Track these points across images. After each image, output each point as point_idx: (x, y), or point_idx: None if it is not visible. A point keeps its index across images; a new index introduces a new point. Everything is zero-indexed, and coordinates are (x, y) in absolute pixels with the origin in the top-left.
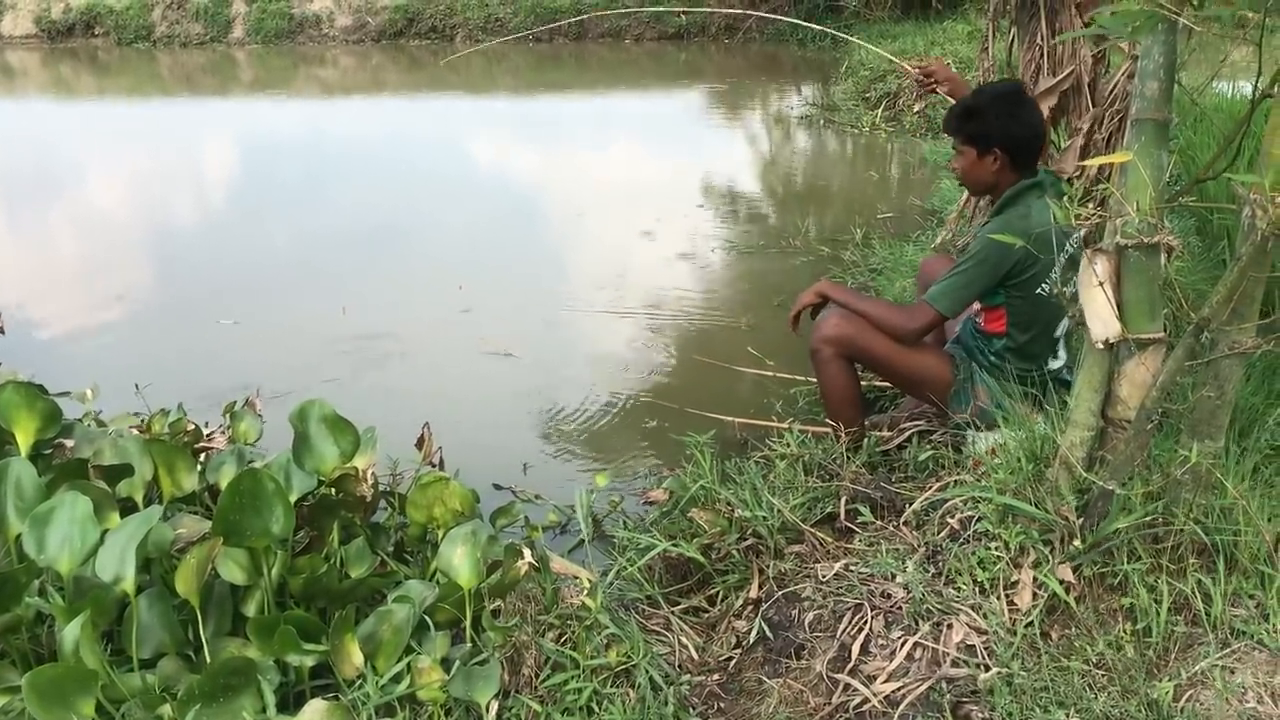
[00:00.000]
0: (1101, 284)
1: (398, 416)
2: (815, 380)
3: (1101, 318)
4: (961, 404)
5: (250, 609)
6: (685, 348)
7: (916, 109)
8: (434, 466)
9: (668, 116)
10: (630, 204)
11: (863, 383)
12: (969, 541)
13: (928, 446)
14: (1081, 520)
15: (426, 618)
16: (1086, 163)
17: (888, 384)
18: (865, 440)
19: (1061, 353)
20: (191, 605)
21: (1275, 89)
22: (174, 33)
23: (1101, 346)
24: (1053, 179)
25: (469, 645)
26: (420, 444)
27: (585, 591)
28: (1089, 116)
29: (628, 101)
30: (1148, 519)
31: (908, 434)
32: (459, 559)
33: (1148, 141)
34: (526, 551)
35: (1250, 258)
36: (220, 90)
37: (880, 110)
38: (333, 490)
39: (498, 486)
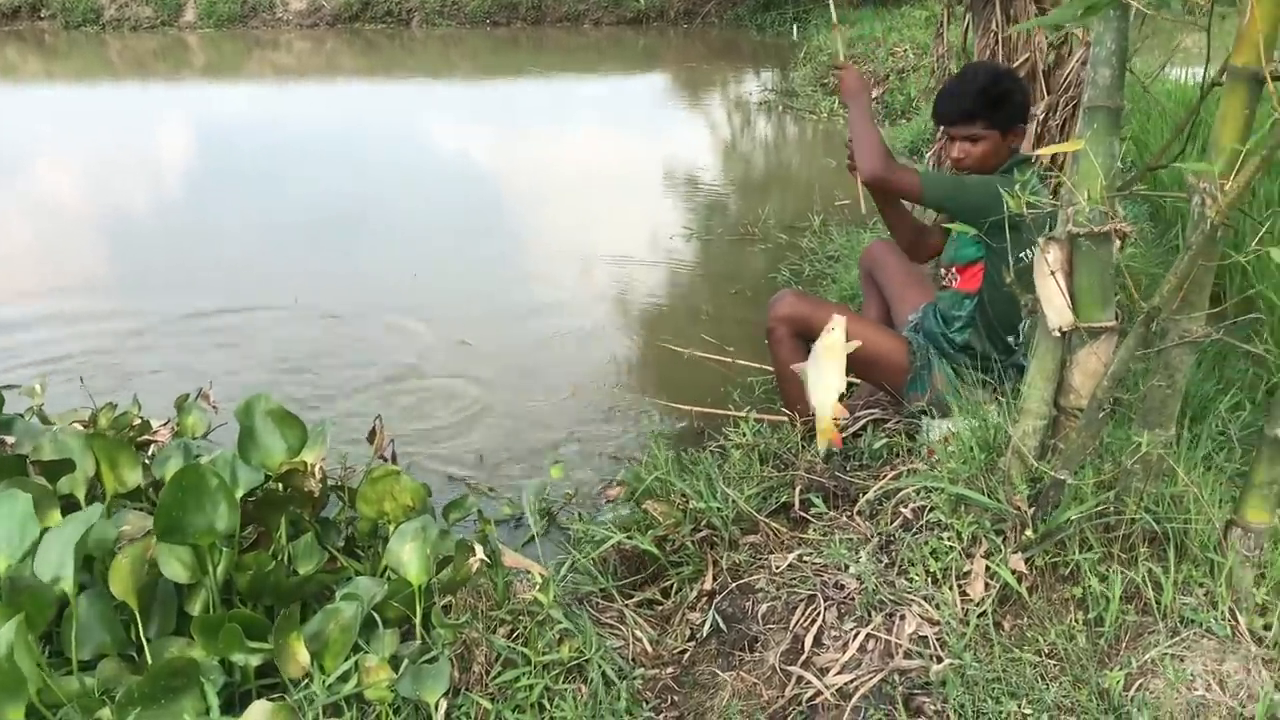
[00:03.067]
0: (1054, 273)
1: (352, 408)
2: (771, 366)
3: (1055, 306)
4: (917, 390)
5: (195, 608)
6: (644, 335)
7: (874, 94)
8: (386, 460)
9: (628, 102)
10: (590, 190)
11: None
12: (921, 531)
13: (882, 434)
14: (1033, 510)
15: (375, 615)
16: (1039, 151)
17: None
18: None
19: (1022, 338)
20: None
21: (1224, 77)
22: (123, 16)
23: (1056, 335)
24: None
25: (419, 643)
26: (372, 437)
27: (537, 586)
28: (1044, 103)
29: (587, 86)
30: (1099, 508)
31: (862, 422)
32: (408, 555)
33: (1100, 129)
34: (478, 547)
35: (1200, 246)
36: (173, 75)
37: (839, 96)
38: (280, 485)
39: (452, 479)
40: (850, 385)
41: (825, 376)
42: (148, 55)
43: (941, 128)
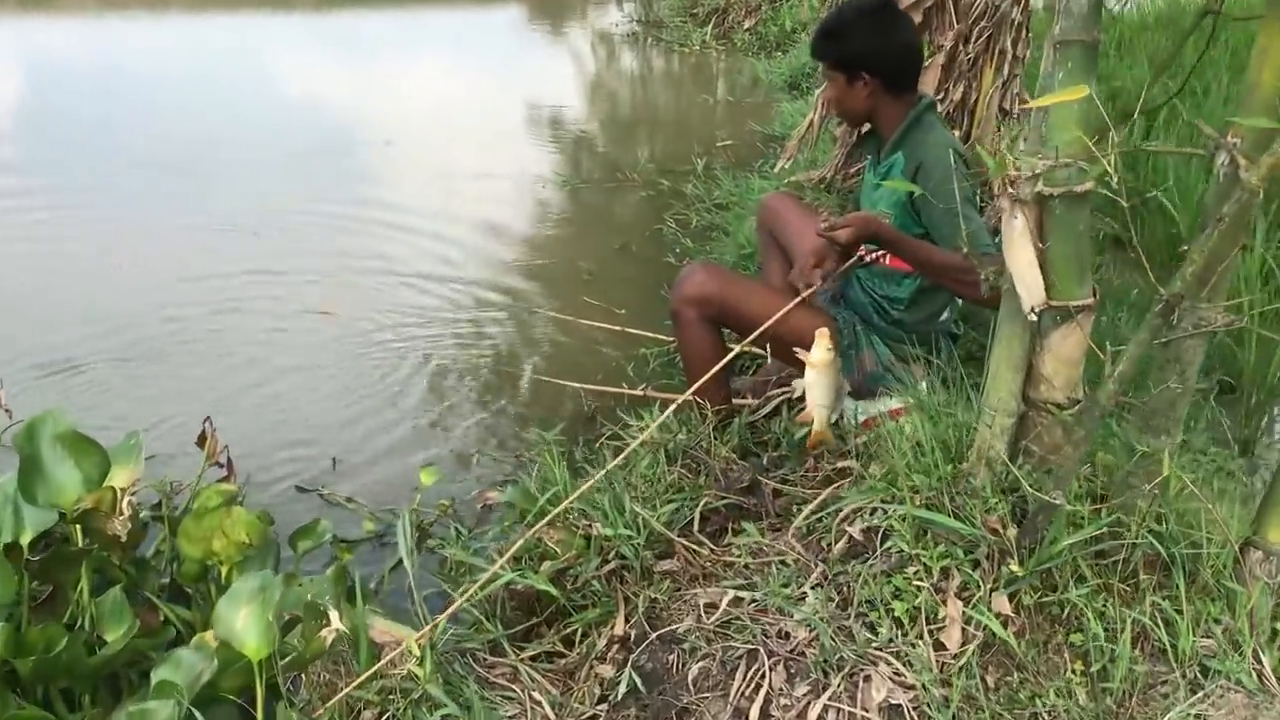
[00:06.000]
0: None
1: (184, 402)
2: (674, 342)
3: (1027, 282)
4: (845, 371)
5: None
6: (520, 301)
7: (747, 25)
8: (222, 468)
9: (483, 33)
10: (450, 134)
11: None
12: (875, 559)
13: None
14: (1014, 531)
15: (196, 712)
16: (1035, 103)
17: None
18: (735, 418)
19: (956, 302)
20: None
21: (1222, 4)
22: None
23: (1031, 317)
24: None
25: None
26: (202, 442)
27: (413, 657)
28: (953, 33)
29: (439, 16)
30: (1098, 534)
31: (774, 403)
32: (243, 623)
33: (1075, 69)
34: (332, 613)
35: (1233, 220)
36: None
37: (710, 27)
38: (76, 528)
39: (301, 489)
40: (759, 361)
41: (824, 390)
42: None
43: None
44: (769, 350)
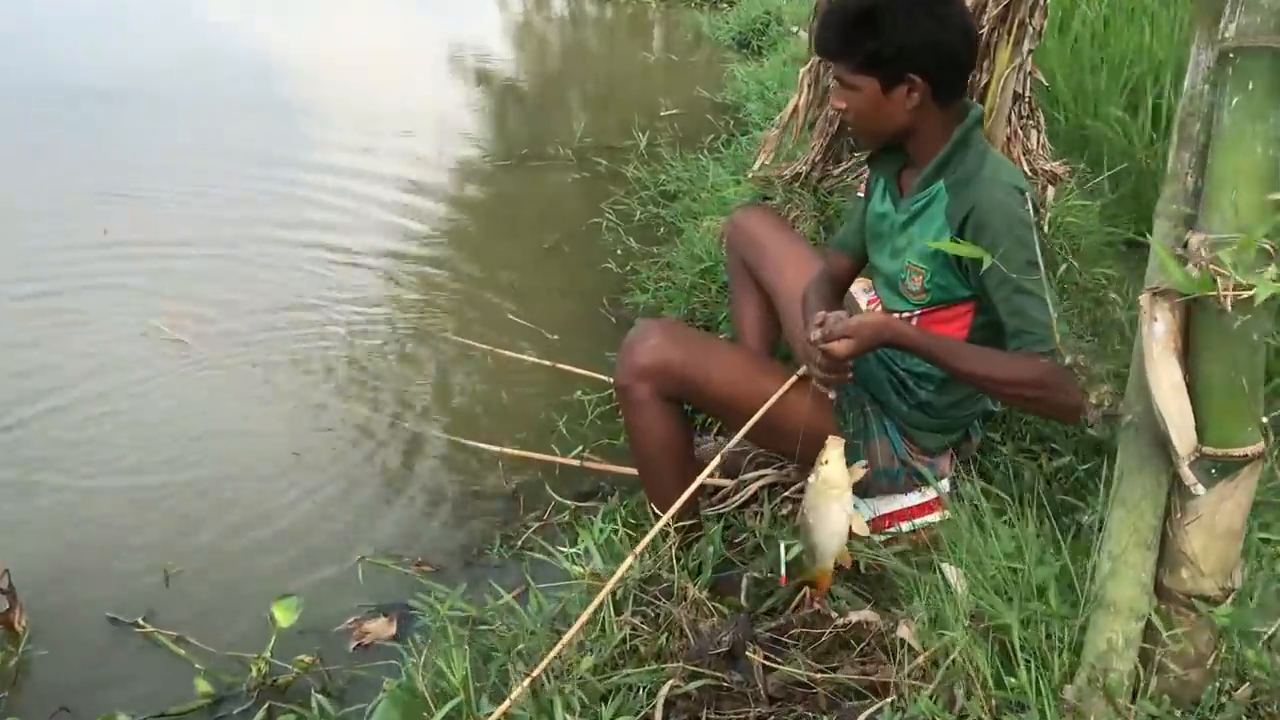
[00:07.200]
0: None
1: None
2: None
3: (1174, 418)
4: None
5: None
6: (426, 322)
7: None
8: (3, 594)
9: None
10: (355, 96)
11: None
12: None
13: (786, 530)
14: None
15: None
16: None
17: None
18: (702, 534)
19: None
20: None
21: None
22: None
23: (1195, 486)
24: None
25: None
26: None
27: None
28: (987, 18)
29: None
30: None
31: (750, 489)
32: None
33: (1259, 91)
34: None
35: None
36: None
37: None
38: None
39: (115, 621)
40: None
41: (829, 521)
42: None
43: None
44: (753, 440)
